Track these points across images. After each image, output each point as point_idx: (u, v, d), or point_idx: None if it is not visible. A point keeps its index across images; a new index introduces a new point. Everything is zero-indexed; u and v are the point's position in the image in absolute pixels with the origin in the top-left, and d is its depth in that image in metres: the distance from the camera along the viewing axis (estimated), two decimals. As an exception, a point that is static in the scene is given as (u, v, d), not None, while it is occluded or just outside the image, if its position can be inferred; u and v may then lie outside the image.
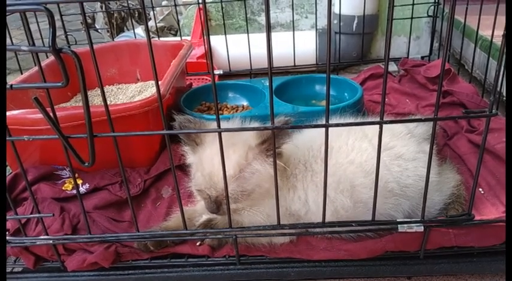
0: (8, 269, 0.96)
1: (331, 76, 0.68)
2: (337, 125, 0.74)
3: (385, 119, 0.71)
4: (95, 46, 0.70)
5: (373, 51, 2.12)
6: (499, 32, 0.75)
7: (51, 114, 0.69)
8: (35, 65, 1.41)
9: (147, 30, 0.68)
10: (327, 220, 0.81)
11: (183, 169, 0.98)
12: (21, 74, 1.35)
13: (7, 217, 0.91)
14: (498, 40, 0.90)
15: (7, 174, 1.10)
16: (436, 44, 2.01)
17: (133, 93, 1.53)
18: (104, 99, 0.70)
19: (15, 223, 0.91)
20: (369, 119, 1.01)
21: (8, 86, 0.71)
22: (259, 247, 0.91)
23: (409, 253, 0.89)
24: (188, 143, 0.87)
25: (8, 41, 0.85)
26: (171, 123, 0.84)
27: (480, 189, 1.02)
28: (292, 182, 0.88)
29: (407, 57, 1.83)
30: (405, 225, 0.83)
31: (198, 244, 0.91)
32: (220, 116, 0.72)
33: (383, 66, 1.77)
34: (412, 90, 1.53)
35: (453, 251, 0.89)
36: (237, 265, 0.89)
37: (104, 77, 1.34)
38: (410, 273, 0.94)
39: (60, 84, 0.65)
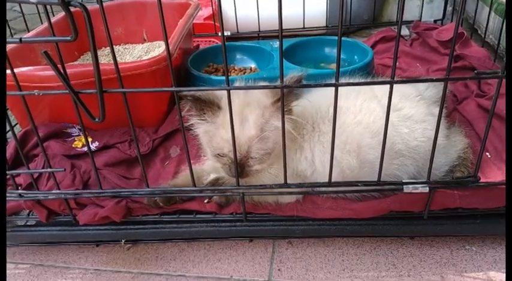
0: (22, 223, 0.99)
1: (342, 39, 0.67)
2: (348, 84, 0.73)
3: (395, 79, 0.70)
4: (99, 5, 0.68)
5: (384, 14, 2.06)
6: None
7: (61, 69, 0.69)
8: (42, 24, 1.40)
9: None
10: (333, 179, 0.82)
11: (191, 129, 0.98)
12: (28, 33, 1.34)
13: (19, 171, 0.94)
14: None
15: (17, 132, 1.11)
16: (449, 8, 1.94)
17: (140, 53, 1.52)
18: (113, 55, 0.70)
19: (27, 178, 0.93)
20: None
21: (17, 40, 0.70)
22: (265, 205, 0.92)
23: (413, 213, 0.90)
24: (210, 108, 0.82)
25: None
26: (180, 102, 0.80)
27: (487, 153, 1.02)
28: (300, 143, 0.89)
29: (420, 20, 1.79)
30: (410, 186, 0.84)
31: (205, 201, 0.93)
32: (229, 78, 0.71)
33: (395, 30, 1.73)
34: (423, 54, 1.50)
35: (457, 213, 0.90)
36: (243, 222, 0.92)
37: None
38: (413, 233, 0.96)
39: (69, 38, 0.65)
